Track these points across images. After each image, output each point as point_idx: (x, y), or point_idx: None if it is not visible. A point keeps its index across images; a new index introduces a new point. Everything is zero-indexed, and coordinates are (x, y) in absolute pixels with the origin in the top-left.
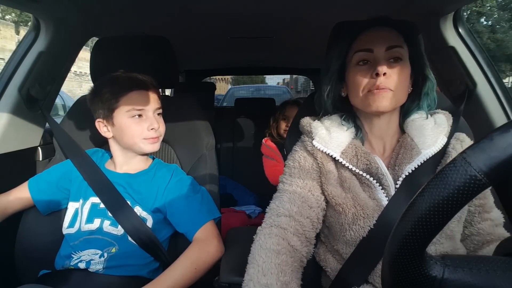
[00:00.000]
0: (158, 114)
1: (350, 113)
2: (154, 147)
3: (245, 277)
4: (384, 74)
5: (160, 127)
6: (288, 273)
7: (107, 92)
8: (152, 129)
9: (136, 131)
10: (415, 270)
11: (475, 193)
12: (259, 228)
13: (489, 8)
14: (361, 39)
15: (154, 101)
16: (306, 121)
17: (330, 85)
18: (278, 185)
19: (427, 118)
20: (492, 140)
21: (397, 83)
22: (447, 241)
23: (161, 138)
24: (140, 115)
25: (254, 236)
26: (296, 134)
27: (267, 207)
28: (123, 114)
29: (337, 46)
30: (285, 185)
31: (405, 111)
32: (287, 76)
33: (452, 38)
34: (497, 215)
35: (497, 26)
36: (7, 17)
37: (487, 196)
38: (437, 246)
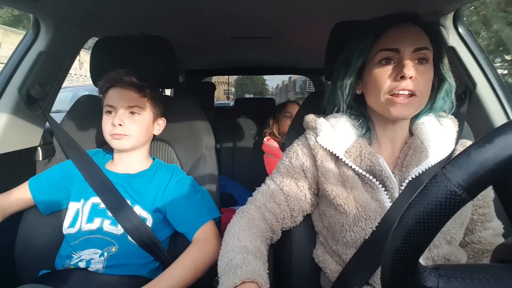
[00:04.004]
0: (132, 112)
1: (362, 112)
2: (120, 144)
3: (222, 245)
4: (411, 77)
5: (128, 125)
6: (258, 241)
7: (100, 89)
8: (115, 125)
9: (105, 128)
10: (411, 282)
11: (456, 208)
12: (236, 211)
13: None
14: (387, 36)
15: (127, 98)
16: (311, 117)
17: (350, 82)
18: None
19: (440, 123)
20: (469, 156)
21: (422, 87)
22: (447, 246)
23: (129, 138)
24: (110, 112)
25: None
26: (296, 134)
27: None
28: (104, 111)
29: (360, 40)
30: (267, 179)
31: (417, 113)
32: (286, 79)
33: (452, 38)
34: (498, 224)
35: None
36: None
37: (490, 205)
38: (439, 250)
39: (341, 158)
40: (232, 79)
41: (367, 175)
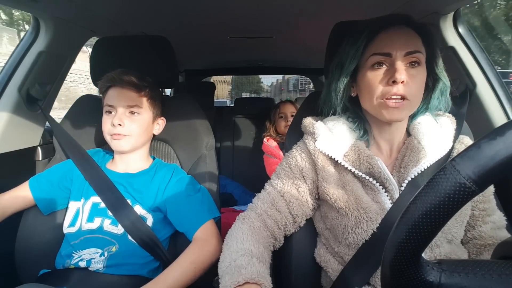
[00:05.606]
0: (132, 112)
1: (358, 114)
2: (119, 144)
3: (223, 248)
4: (402, 82)
5: (128, 125)
6: (261, 247)
7: (100, 89)
8: (114, 125)
9: (105, 128)
10: (412, 276)
11: (465, 200)
12: (237, 217)
13: None
14: (379, 41)
15: (127, 98)
16: (308, 121)
17: (344, 86)
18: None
19: (436, 122)
20: (479, 148)
21: (414, 91)
22: (448, 245)
23: (129, 138)
24: (110, 112)
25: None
26: (296, 134)
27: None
28: (103, 111)
29: (353, 44)
30: (267, 184)
31: (413, 114)
32: (280, 78)
33: (452, 38)
34: (499, 217)
35: None
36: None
37: (491, 200)
38: (441, 249)
39: (340, 162)
40: (228, 78)
41: (367, 177)
